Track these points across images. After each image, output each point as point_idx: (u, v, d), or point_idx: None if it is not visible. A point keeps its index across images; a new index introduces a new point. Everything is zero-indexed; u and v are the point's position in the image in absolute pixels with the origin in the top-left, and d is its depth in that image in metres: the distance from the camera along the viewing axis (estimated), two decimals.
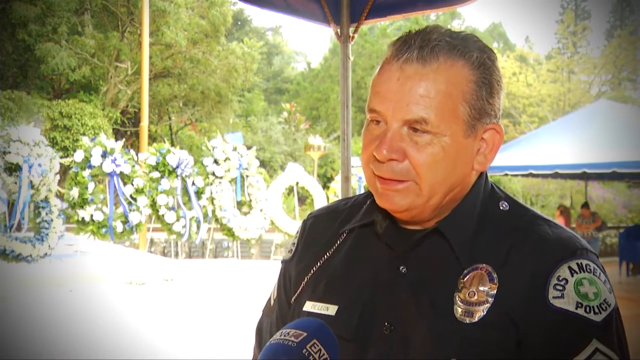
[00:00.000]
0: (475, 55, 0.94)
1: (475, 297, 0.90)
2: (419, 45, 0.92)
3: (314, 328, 0.93)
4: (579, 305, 0.88)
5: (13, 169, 8.78)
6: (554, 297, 0.88)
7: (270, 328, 1.13)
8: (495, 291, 0.90)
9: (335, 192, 15.07)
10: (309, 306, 1.02)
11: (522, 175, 15.40)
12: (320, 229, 1.11)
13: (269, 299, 1.17)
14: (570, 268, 0.90)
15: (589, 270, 0.91)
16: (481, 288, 0.91)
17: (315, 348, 0.91)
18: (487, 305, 0.89)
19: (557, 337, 0.88)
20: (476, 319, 0.89)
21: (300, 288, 1.06)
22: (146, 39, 14.74)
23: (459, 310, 0.90)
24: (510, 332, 0.88)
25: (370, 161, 0.95)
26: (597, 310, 0.88)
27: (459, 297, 0.91)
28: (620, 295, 0.94)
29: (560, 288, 0.89)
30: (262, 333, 1.16)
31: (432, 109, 0.90)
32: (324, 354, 0.90)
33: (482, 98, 0.94)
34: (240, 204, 12.34)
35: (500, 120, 0.99)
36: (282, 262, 1.16)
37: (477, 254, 0.94)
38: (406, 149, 0.91)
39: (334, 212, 1.13)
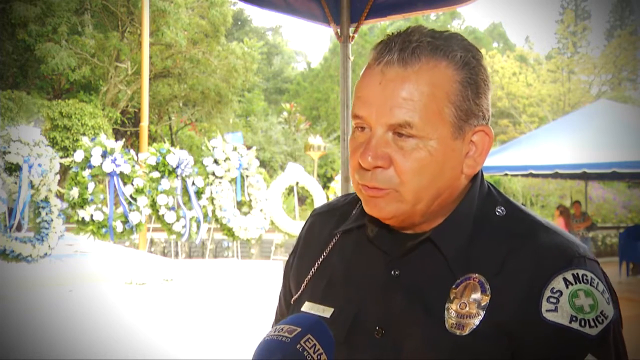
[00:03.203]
0: (459, 54, 0.90)
1: (467, 309, 0.88)
2: (399, 48, 0.89)
3: (308, 323, 0.94)
4: (574, 319, 0.85)
5: (13, 169, 8.77)
6: (547, 311, 0.86)
7: (276, 322, 1.14)
8: (487, 302, 0.88)
9: (335, 192, 15.06)
10: (307, 307, 1.02)
11: (522, 175, 15.39)
12: (319, 228, 1.11)
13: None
14: (565, 279, 0.87)
15: (585, 280, 0.87)
16: (473, 299, 0.88)
17: (309, 343, 0.90)
18: (479, 317, 0.87)
19: (551, 351, 0.86)
20: (467, 332, 0.87)
21: (301, 289, 1.06)
22: (146, 39, 14.73)
23: (450, 321, 0.88)
24: (503, 345, 0.86)
25: (356, 169, 0.93)
26: (592, 324, 0.85)
27: (450, 307, 0.89)
28: (621, 296, 0.92)
29: (554, 301, 0.86)
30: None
31: (416, 112, 0.87)
32: (318, 349, 0.90)
33: (468, 98, 0.90)
34: (240, 204, 12.33)
35: (490, 121, 0.96)
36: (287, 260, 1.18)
37: (471, 262, 0.91)
38: (392, 155, 0.89)
39: (333, 209, 1.12)
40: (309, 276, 1.06)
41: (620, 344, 0.89)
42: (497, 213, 0.96)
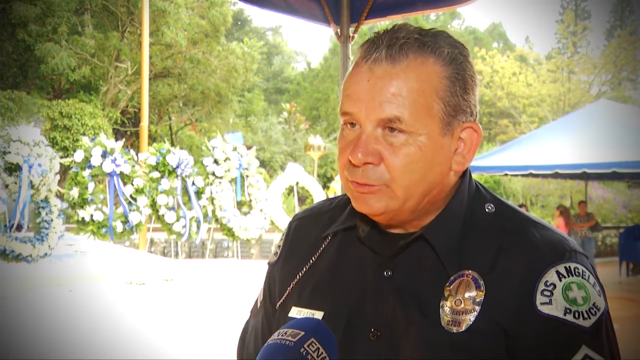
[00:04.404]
0: (446, 51, 0.91)
1: (462, 306, 0.89)
2: (386, 45, 0.90)
3: (311, 327, 0.93)
4: (568, 311, 0.86)
5: (13, 169, 8.77)
6: (541, 304, 0.87)
7: (255, 330, 1.12)
8: (482, 298, 0.88)
9: (335, 192, 15.06)
10: (295, 312, 1.01)
11: (522, 175, 15.39)
12: (304, 232, 1.10)
13: (256, 301, 1.16)
14: (558, 272, 0.88)
15: (577, 273, 0.89)
16: (467, 296, 0.89)
17: (313, 347, 0.90)
18: (475, 313, 0.88)
19: (547, 344, 0.86)
20: (463, 328, 0.88)
21: (286, 293, 1.05)
22: (146, 39, 14.74)
23: (446, 318, 0.89)
24: (499, 339, 0.87)
25: (346, 167, 0.92)
26: (586, 316, 0.86)
27: (445, 305, 0.90)
28: (621, 296, 0.92)
29: (548, 294, 0.87)
30: (246, 335, 1.15)
31: (406, 107, 0.88)
32: (322, 353, 0.90)
33: (456, 94, 0.91)
34: (240, 204, 12.33)
35: (478, 118, 0.96)
36: (268, 264, 1.15)
37: (463, 259, 0.92)
38: (382, 152, 0.89)
39: (318, 213, 1.11)
40: (295, 280, 1.04)
41: (611, 335, 0.90)
42: (487, 210, 0.97)
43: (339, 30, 2.70)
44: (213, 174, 11.57)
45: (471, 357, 0.87)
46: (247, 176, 12.35)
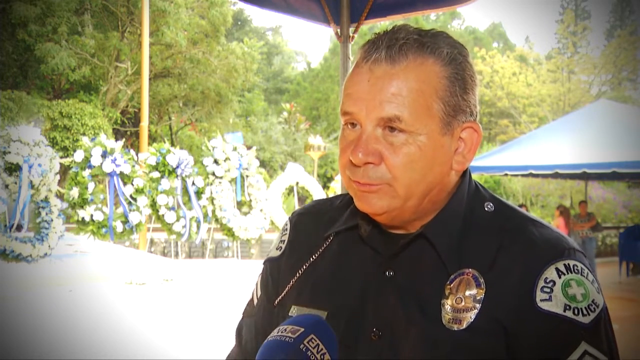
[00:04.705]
0: (445, 51, 0.92)
1: (463, 304, 0.89)
2: (386, 45, 0.91)
3: (311, 323, 0.93)
4: (567, 307, 0.87)
5: (13, 169, 8.77)
6: (541, 300, 0.88)
7: (255, 328, 1.11)
8: (482, 296, 0.89)
9: (335, 192, 15.06)
10: (295, 311, 1.01)
11: (522, 175, 15.39)
12: (305, 230, 1.10)
13: (251, 300, 1.15)
14: (557, 269, 0.89)
15: (576, 270, 0.90)
16: (468, 294, 0.90)
17: (313, 343, 0.90)
18: (475, 311, 0.89)
19: (546, 340, 0.87)
20: (464, 326, 0.88)
21: (285, 291, 1.05)
22: (146, 39, 14.74)
23: (447, 317, 0.89)
24: (500, 337, 0.88)
25: (347, 166, 0.93)
26: (585, 312, 0.87)
27: (446, 303, 0.90)
28: (621, 296, 0.92)
29: (548, 290, 0.88)
30: (242, 334, 1.14)
31: (406, 107, 0.88)
32: (322, 349, 0.90)
33: (456, 94, 0.92)
34: (240, 204, 12.33)
35: (478, 117, 0.97)
36: (267, 261, 1.14)
37: (464, 258, 0.92)
38: (382, 151, 0.90)
39: (319, 212, 1.11)
40: (294, 278, 1.05)
41: (610, 331, 0.91)
42: (487, 209, 0.98)
43: (339, 30, 2.70)
44: (213, 174, 11.56)
45: (472, 355, 0.87)
46: (247, 176, 12.35)
